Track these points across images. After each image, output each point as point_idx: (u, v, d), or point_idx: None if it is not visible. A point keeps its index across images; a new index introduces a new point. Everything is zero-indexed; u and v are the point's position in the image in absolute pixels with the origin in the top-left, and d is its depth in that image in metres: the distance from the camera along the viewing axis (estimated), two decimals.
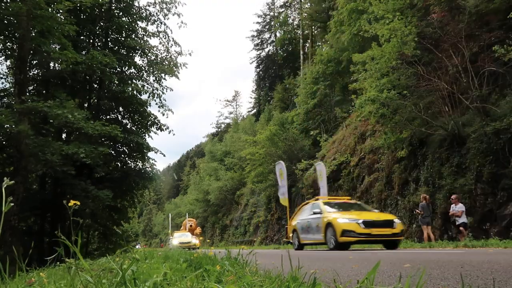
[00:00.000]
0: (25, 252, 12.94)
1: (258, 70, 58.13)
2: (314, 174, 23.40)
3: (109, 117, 18.19)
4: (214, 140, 64.05)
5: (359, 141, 20.33)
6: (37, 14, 11.55)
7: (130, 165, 18.62)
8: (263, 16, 56.91)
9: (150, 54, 18.41)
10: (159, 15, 18.41)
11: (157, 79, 18.57)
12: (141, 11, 18.32)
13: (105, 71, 15.77)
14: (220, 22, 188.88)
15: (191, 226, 35.31)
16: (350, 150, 20.85)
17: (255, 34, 57.07)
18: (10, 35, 13.49)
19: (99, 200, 14.13)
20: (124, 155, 18.49)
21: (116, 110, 18.73)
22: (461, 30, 13.01)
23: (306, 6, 45.10)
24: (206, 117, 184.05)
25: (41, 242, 15.76)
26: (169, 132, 18.82)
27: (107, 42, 18.16)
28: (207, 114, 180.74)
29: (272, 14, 56.61)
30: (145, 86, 18.47)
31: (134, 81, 18.28)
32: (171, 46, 18.67)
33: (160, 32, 18.58)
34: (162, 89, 18.66)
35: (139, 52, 18.40)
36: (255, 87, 61.32)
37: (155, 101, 18.54)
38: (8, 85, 15.62)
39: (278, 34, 54.37)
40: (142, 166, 18.64)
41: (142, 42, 18.20)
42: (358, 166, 19.48)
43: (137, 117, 18.46)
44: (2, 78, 15.49)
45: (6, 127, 11.28)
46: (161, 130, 18.60)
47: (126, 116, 18.85)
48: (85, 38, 17.90)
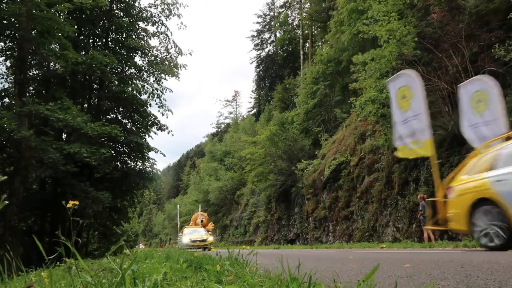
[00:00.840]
0: (25, 252, 12.96)
1: (258, 70, 58.19)
2: (314, 174, 23.39)
3: (109, 117, 18.23)
4: (214, 140, 64.12)
5: (359, 141, 20.31)
6: (37, 15, 11.56)
7: (130, 165, 18.65)
8: (263, 16, 56.99)
9: (150, 55, 18.45)
10: (161, 17, 18.48)
11: (157, 80, 18.63)
12: (142, 12, 18.36)
13: (105, 71, 15.79)
14: (220, 22, 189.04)
15: (202, 221, 29.72)
16: (350, 150, 20.83)
17: (255, 34, 57.17)
18: (11, 35, 13.50)
19: (99, 201, 14.14)
20: (124, 155, 18.51)
21: (116, 110, 18.75)
22: (461, 30, 13.00)
23: (306, 6, 45.12)
24: (206, 117, 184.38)
25: (41, 242, 15.77)
26: (169, 132, 18.88)
27: (107, 42, 18.19)
28: (207, 114, 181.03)
29: (272, 14, 56.65)
30: (145, 86, 18.52)
31: (134, 81, 18.31)
32: (171, 48, 18.74)
33: (161, 33, 18.65)
34: (162, 89, 18.72)
35: (139, 52, 18.43)
36: (255, 87, 61.40)
37: (155, 101, 18.60)
38: (8, 85, 15.63)
39: (278, 34, 54.39)
40: (142, 166, 18.69)
41: (142, 43, 18.23)
42: (358, 166, 19.47)
43: (137, 117, 18.48)
44: (2, 78, 15.52)
45: (7, 129, 11.27)
46: (161, 130, 18.63)
47: (126, 116, 18.88)
48: (85, 38, 17.91)
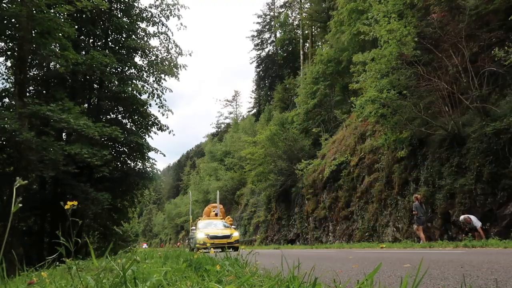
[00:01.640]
0: (25, 252, 12.96)
1: (258, 70, 58.19)
2: (314, 174, 23.38)
3: (109, 117, 18.22)
4: (214, 140, 64.16)
5: (359, 141, 20.30)
6: (37, 16, 11.56)
7: (130, 165, 18.64)
8: (263, 16, 56.99)
9: (150, 55, 18.46)
10: (161, 17, 18.49)
11: (157, 80, 18.62)
12: (142, 13, 18.36)
13: (105, 72, 15.79)
14: (220, 22, 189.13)
15: (217, 215, 23.21)
16: (350, 150, 20.82)
17: (255, 34, 57.18)
18: (11, 36, 13.49)
19: (99, 202, 14.14)
20: (124, 155, 18.50)
21: (116, 110, 18.75)
22: (461, 30, 13.00)
23: (306, 6, 45.11)
24: (206, 117, 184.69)
25: (41, 242, 15.77)
26: (169, 132, 18.89)
27: (107, 43, 18.18)
28: (207, 114, 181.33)
29: (272, 14, 56.66)
30: (145, 86, 18.52)
31: (134, 81, 18.30)
32: (171, 48, 18.74)
33: (161, 33, 18.65)
34: (162, 89, 18.72)
35: (139, 52, 18.43)
36: (255, 87, 61.42)
37: (155, 101, 18.60)
38: (8, 85, 15.63)
39: (278, 34, 54.38)
40: (142, 166, 18.68)
41: (142, 43, 18.22)
42: (358, 166, 19.46)
43: (137, 117, 18.48)
44: (2, 79, 15.51)
45: (7, 130, 11.27)
46: (161, 130, 18.64)
47: (126, 116, 18.87)
48: (85, 39, 17.90)
